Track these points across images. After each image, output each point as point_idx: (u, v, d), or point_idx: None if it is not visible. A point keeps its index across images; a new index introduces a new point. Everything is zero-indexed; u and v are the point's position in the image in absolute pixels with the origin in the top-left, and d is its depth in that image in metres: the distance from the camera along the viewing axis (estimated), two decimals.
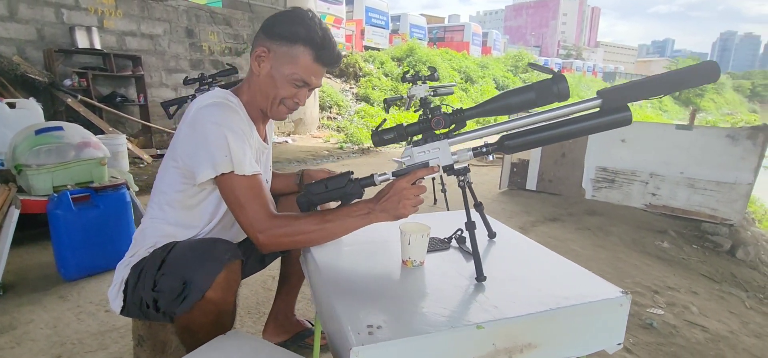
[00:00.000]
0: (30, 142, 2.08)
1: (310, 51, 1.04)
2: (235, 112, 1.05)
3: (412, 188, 0.99)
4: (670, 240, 2.81)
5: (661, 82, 0.93)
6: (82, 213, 2.04)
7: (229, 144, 0.97)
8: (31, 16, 4.47)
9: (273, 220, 0.98)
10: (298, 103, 1.12)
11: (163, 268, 1.01)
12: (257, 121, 1.15)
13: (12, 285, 2.00)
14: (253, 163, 1.02)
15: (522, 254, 1.13)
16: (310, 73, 1.07)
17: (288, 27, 1.04)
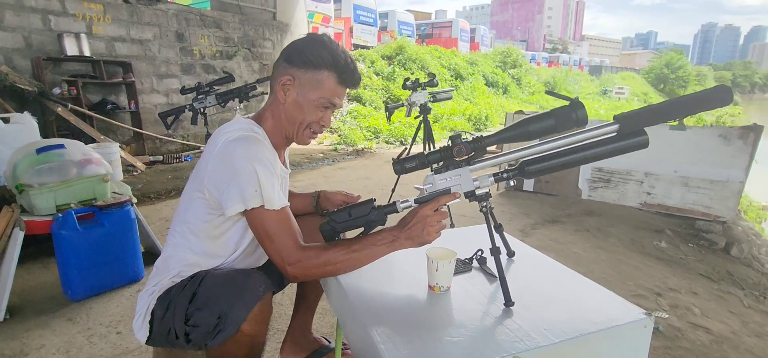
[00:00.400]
0: (31, 160, 2.05)
1: (334, 74, 1.08)
2: (262, 144, 1.06)
3: (435, 214, 1.02)
4: (667, 239, 2.88)
5: (676, 107, 0.97)
6: (88, 232, 2.02)
7: (259, 179, 0.99)
8: (17, 24, 4.37)
9: (302, 252, 1.01)
10: (323, 127, 1.15)
11: (195, 301, 1.01)
12: (279, 148, 1.17)
13: (17, 308, 1.98)
14: (281, 195, 1.03)
15: (543, 274, 1.15)
16: (335, 95, 1.10)
17: (313, 53, 1.07)
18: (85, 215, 2.05)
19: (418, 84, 2.99)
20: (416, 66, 12.92)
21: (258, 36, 6.97)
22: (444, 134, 8.99)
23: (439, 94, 3.13)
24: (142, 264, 2.29)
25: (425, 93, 3.04)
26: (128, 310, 1.98)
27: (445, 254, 1.04)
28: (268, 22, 7.15)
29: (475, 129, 10.52)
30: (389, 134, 7.90)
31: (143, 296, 1.15)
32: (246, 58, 6.86)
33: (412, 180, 4.37)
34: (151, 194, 4.19)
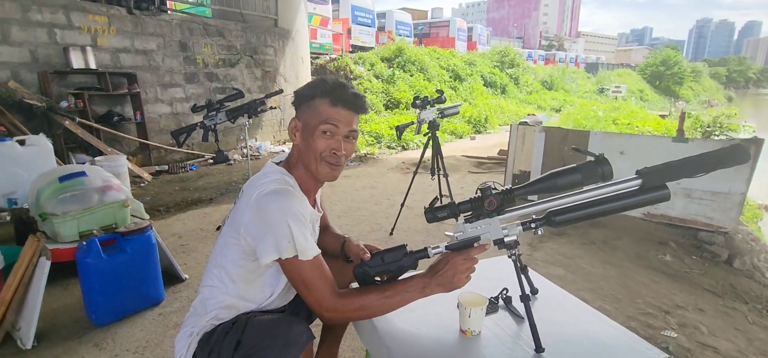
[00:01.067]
0: (54, 189, 2.09)
1: (325, 98, 1.12)
2: (295, 196, 1.11)
3: (466, 262, 1.08)
4: (671, 252, 2.96)
5: (695, 164, 1.03)
6: (111, 259, 2.06)
7: (293, 232, 1.04)
8: (24, 38, 4.38)
9: (338, 300, 1.07)
10: (335, 153, 1.15)
11: (241, 349, 1.06)
12: (310, 192, 1.21)
13: (43, 333, 2.02)
14: (314, 245, 1.09)
15: (569, 316, 1.21)
16: (331, 116, 1.12)
17: (305, 90, 1.15)
18: (107, 241, 2.10)
19: (427, 101, 3.04)
20: (415, 68, 12.96)
21: (260, 43, 6.99)
22: (444, 138, 9.04)
23: (447, 110, 3.19)
24: (163, 287, 2.34)
25: (434, 109, 3.09)
26: (152, 335, 2.03)
27: (476, 300, 1.10)
28: (270, 29, 7.17)
29: (474, 131, 10.58)
30: (390, 139, 7.94)
31: (182, 337, 1.20)
32: (248, 66, 6.88)
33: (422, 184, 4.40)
34: (160, 206, 4.22)
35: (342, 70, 10.96)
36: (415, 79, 12.34)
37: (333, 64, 11.04)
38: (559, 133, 4.10)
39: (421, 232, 3.49)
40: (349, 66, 11.12)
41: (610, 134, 3.94)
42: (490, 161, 6.38)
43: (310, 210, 1.19)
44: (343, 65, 11.04)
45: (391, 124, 8.87)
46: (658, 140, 3.68)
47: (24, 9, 4.34)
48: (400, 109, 10.65)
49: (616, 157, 3.68)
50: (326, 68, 10.92)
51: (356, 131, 1.18)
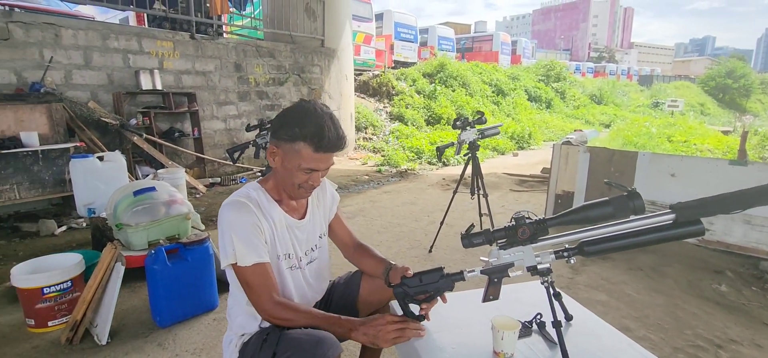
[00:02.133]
0: (129, 202, 2.35)
1: (309, 145, 1.18)
2: (245, 208, 1.23)
3: (394, 326, 1.16)
4: (727, 282, 2.80)
5: (733, 200, 1.03)
6: (174, 266, 2.28)
7: (233, 240, 1.19)
8: (102, 63, 4.90)
9: (273, 306, 1.20)
10: (313, 185, 1.27)
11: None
12: (286, 199, 1.34)
13: (115, 331, 2.25)
14: (260, 254, 1.21)
15: (602, 343, 1.23)
16: (315, 161, 1.20)
17: (287, 130, 1.19)
18: (171, 250, 2.33)
19: (468, 122, 3.10)
20: (457, 83, 12.96)
21: (307, 62, 7.34)
22: (486, 154, 8.97)
23: (487, 131, 3.23)
24: (217, 294, 2.54)
25: (474, 130, 3.14)
26: (208, 338, 2.22)
27: (509, 324, 1.15)
28: (317, 49, 7.51)
29: (517, 147, 10.40)
30: (431, 155, 8.00)
31: (231, 340, 1.34)
32: (296, 84, 7.23)
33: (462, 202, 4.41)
34: (213, 217, 4.53)
35: (384, 86, 11.19)
36: (457, 94, 12.35)
37: (375, 80, 11.30)
38: (605, 153, 4.00)
39: (459, 251, 3.51)
40: (391, 82, 11.33)
41: (660, 156, 3.78)
42: (532, 179, 6.27)
43: (282, 217, 1.32)
44: (386, 81, 11.27)
45: (432, 139, 8.94)
46: (714, 163, 3.50)
47: (104, 37, 4.87)
48: (441, 124, 10.69)
49: (667, 179, 3.54)
50: (369, 85, 11.20)
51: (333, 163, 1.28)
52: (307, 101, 1.25)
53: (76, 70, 4.71)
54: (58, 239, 3.74)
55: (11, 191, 3.65)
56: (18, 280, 2.21)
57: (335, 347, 1.15)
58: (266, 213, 1.28)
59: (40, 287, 2.21)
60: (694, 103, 26.45)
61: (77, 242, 3.63)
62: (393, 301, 1.43)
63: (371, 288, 1.46)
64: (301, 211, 1.40)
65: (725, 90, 32.73)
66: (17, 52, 4.27)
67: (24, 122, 3.84)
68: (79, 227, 4.01)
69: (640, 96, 26.36)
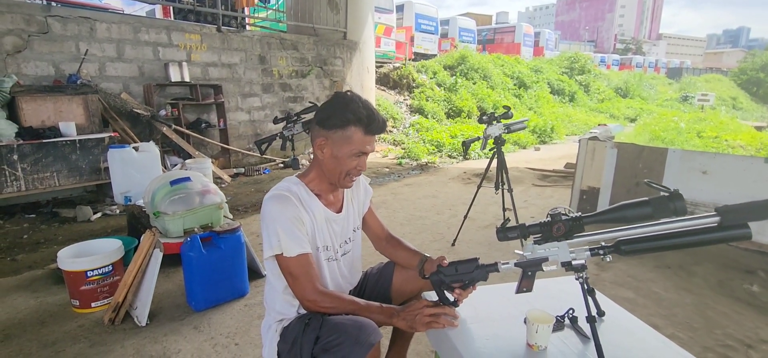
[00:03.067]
0: (166, 191, 2.45)
1: (360, 128, 1.26)
2: (289, 202, 1.29)
3: (429, 310, 1.23)
4: (760, 282, 2.74)
5: None
6: (209, 254, 2.38)
7: (278, 232, 1.24)
8: (134, 56, 5.06)
9: (317, 294, 1.26)
10: (360, 171, 1.34)
11: (319, 343, 1.22)
12: (325, 193, 1.40)
13: (153, 314, 2.36)
14: (303, 245, 1.27)
15: (634, 338, 1.24)
16: (365, 144, 1.28)
17: (338, 116, 1.26)
18: (205, 238, 2.42)
19: (494, 117, 3.10)
20: (478, 76, 12.83)
21: (330, 55, 7.39)
22: (508, 148, 8.87)
23: (513, 126, 3.21)
24: (248, 281, 2.63)
25: (500, 125, 3.13)
26: (241, 323, 2.31)
27: (544, 317, 1.17)
28: (339, 42, 7.55)
29: (539, 141, 10.25)
30: (452, 148, 7.98)
31: (265, 329, 1.42)
32: (318, 76, 7.30)
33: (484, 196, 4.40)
34: (239, 206, 4.65)
35: (404, 78, 11.17)
36: (479, 87, 12.23)
37: (396, 72, 11.28)
38: (633, 149, 3.92)
39: (483, 244, 3.53)
40: (411, 74, 11.29)
41: (691, 153, 3.69)
42: (555, 175, 6.20)
43: (323, 211, 1.38)
44: (406, 74, 11.24)
45: (452, 132, 8.90)
46: (749, 161, 3.39)
47: (135, 30, 5.02)
48: (461, 117, 10.62)
49: (698, 177, 3.45)
50: (390, 77, 11.19)
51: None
52: (345, 93, 1.31)
53: (109, 62, 4.88)
54: (93, 225, 3.92)
55: (51, 179, 3.83)
56: (64, 263, 2.34)
57: (376, 333, 1.20)
58: (307, 206, 1.34)
59: (85, 270, 2.34)
60: (725, 97, 25.46)
61: (112, 228, 3.79)
62: (426, 291, 1.47)
63: (404, 278, 1.52)
64: (337, 205, 1.45)
65: (759, 84, 31.36)
66: (55, 45, 4.45)
67: (62, 113, 4.01)
68: (113, 213, 4.18)
69: (668, 89, 25.52)
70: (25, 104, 3.79)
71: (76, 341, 2.14)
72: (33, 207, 4.26)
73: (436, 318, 1.22)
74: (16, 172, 3.58)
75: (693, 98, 20.56)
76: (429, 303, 1.24)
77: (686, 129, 9.75)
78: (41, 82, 4.30)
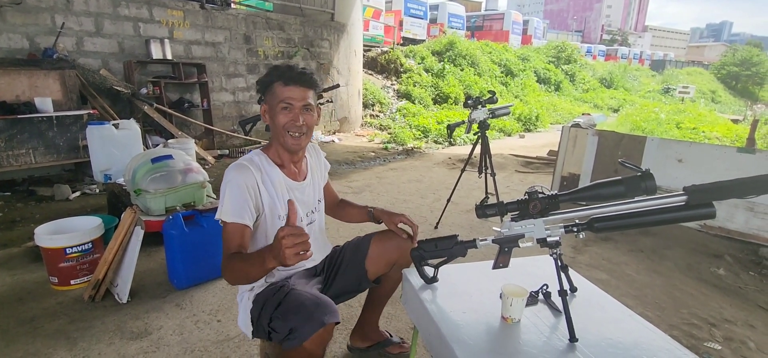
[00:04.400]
0: (147, 169, 2.42)
1: (278, 81, 1.34)
2: (246, 170, 1.34)
3: (287, 237, 1.02)
4: (726, 266, 2.86)
5: (747, 185, 1.04)
6: (191, 232, 2.36)
7: (224, 199, 1.30)
8: (113, 31, 4.92)
9: (225, 260, 1.25)
10: (295, 124, 1.36)
11: (279, 309, 1.28)
12: (287, 163, 1.46)
13: (134, 292, 2.35)
14: (241, 215, 1.28)
15: (604, 313, 1.30)
16: (286, 94, 1.34)
17: (264, 80, 1.39)
18: (188, 216, 2.40)
19: (480, 101, 3.13)
20: (466, 62, 12.84)
21: (317, 36, 7.30)
22: (492, 135, 8.96)
23: (498, 111, 3.25)
24: None
25: (485, 110, 3.17)
26: (223, 301, 2.31)
27: (518, 291, 1.22)
28: (327, 23, 7.45)
29: (524, 129, 10.38)
30: (438, 134, 8.01)
31: (242, 295, 1.46)
32: (305, 58, 7.21)
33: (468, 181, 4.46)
34: None
35: (392, 63, 11.11)
36: (466, 73, 12.26)
37: (384, 56, 11.21)
38: (613, 137, 4.01)
39: (465, 227, 3.59)
40: (399, 59, 11.24)
41: (668, 141, 3.80)
42: (538, 162, 6.30)
43: (282, 179, 1.42)
44: (394, 58, 11.18)
45: (438, 118, 8.93)
46: (721, 150, 3.52)
47: (114, 4, 4.87)
48: (448, 103, 10.65)
49: (674, 165, 3.56)
50: (378, 61, 11.12)
51: (312, 105, 1.38)
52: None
53: (88, 37, 4.73)
54: (72, 204, 3.84)
55: (27, 156, 3.73)
56: (42, 240, 2.30)
57: (333, 315, 1.23)
58: (266, 174, 1.39)
59: (63, 247, 2.30)
60: (705, 90, 26.10)
61: (91, 207, 3.72)
62: (406, 269, 1.51)
63: (380, 250, 1.58)
64: (302, 175, 1.51)
65: (737, 78, 32.20)
66: (29, 17, 4.28)
67: (38, 88, 3.89)
68: (92, 192, 4.10)
69: (651, 81, 26.00)
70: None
71: (55, 317, 2.13)
72: (8, 185, 4.15)
73: (299, 245, 1.03)
74: None
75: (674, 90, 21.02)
76: (289, 229, 1.04)
77: (666, 120, 9.99)
78: (15, 55, 4.15)
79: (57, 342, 1.94)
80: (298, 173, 1.50)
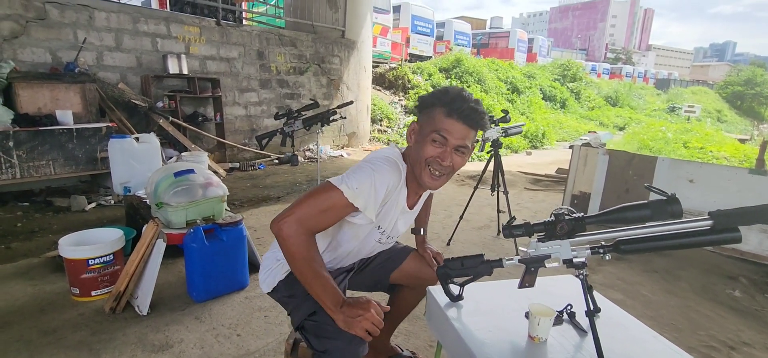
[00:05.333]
0: (170, 182, 2.47)
1: (442, 108, 1.19)
2: (395, 174, 1.25)
3: (369, 320, 1.10)
4: (741, 288, 2.86)
5: None
6: (211, 245, 2.40)
7: (361, 182, 1.17)
8: (132, 46, 5.04)
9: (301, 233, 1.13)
10: (440, 162, 1.21)
11: (315, 320, 1.26)
12: (412, 190, 1.35)
13: (153, 304, 2.38)
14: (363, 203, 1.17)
15: (628, 333, 1.31)
16: (443, 127, 1.18)
17: (426, 98, 1.25)
18: (208, 230, 2.45)
19: (493, 120, 3.17)
20: (473, 79, 12.95)
21: (328, 53, 7.42)
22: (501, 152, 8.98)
23: (511, 129, 3.30)
24: (248, 273, 2.66)
25: (498, 129, 3.21)
26: (242, 314, 2.34)
27: (546, 311, 1.24)
28: (337, 40, 7.58)
29: (531, 146, 10.41)
30: None
31: (270, 258, 1.41)
32: (315, 74, 7.32)
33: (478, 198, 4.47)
34: (235, 201, 4.66)
35: (400, 79, 11.23)
36: (472, 90, 12.33)
37: (391, 72, 11.34)
38: (624, 156, 4.04)
39: (477, 244, 3.60)
40: (406, 75, 11.36)
41: (679, 162, 3.82)
42: (547, 179, 6.32)
43: (403, 203, 1.33)
44: (402, 74, 11.30)
45: None
46: (733, 171, 3.53)
47: (134, 20, 5.00)
48: None
49: (686, 185, 3.58)
50: (386, 77, 11.25)
51: (468, 147, 1.23)
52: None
53: (107, 52, 4.85)
54: (88, 215, 3.90)
55: (47, 167, 3.81)
56: (66, 251, 2.34)
57: (365, 347, 1.24)
58: (396, 190, 1.28)
59: (86, 258, 2.34)
60: (710, 110, 26.08)
61: (107, 219, 3.78)
62: (431, 287, 1.54)
63: (415, 269, 1.61)
64: (414, 204, 1.42)
65: (743, 98, 32.18)
66: (52, 32, 4.41)
67: (59, 101, 3.99)
68: (107, 204, 4.17)
69: (657, 100, 26.04)
70: (21, 91, 3.76)
71: (77, 328, 2.16)
72: (26, 195, 4.22)
73: (370, 329, 1.11)
74: (11, 159, 3.55)
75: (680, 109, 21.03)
76: (378, 309, 1.12)
77: (673, 139, 9.99)
78: (37, 68, 4.26)
79: (80, 353, 1.97)
80: (414, 202, 1.41)
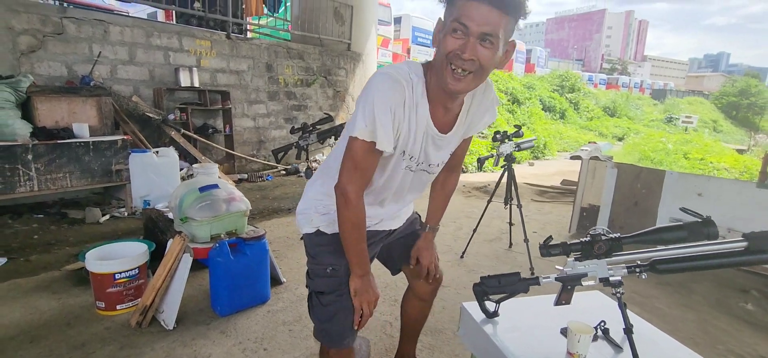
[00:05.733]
0: (194, 197, 2.51)
1: None
2: (399, 89, 1.09)
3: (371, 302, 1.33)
4: (754, 301, 2.91)
5: None
6: (236, 260, 2.44)
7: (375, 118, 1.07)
8: (145, 60, 5.10)
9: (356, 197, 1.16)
10: (461, 57, 1.02)
11: (322, 297, 1.34)
12: (436, 104, 1.16)
13: (179, 319, 2.41)
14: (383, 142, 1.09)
15: (661, 350, 1.36)
16: (466, 11, 0.98)
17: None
18: (232, 244, 2.48)
19: (507, 136, 3.24)
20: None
21: (334, 65, 7.51)
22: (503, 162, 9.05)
23: (523, 144, 3.37)
24: (270, 287, 2.70)
25: (511, 143, 3.28)
26: (266, 329, 2.37)
27: (584, 328, 1.29)
28: (343, 53, 7.68)
29: (533, 157, 10.49)
30: None
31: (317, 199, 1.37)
32: (322, 86, 7.40)
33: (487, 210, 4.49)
34: None
35: None
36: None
37: None
38: (632, 170, 4.11)
39: (489, 257, 3.64)
40: None
41: (687, 175, 3.89)
42: (552, 190, 6.38)
43: (426, 120, 1.16)
44: None
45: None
46: (741, 185, 3.60)
47: (148, 34, 5.06)
48: None
49: (694, 199, 3.64)
50: None
51: (496, 37, 1.00)
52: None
53: (121, 65, 4.91)
54: (103, 227, 3.92)
55: (63, 179, 3.84)
56: (92, 265, 2.37)
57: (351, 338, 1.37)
58: (412, 106, 1.12)
59: (113, 272, 2.38)
60: (707, 120, 26.36)
61: (122, 231, 3.81)
62: (465, 303, 1.58)
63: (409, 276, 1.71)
64: (447, 125, 1.23)
65: (738, 108, 32.54)
66: (69, 46, 4.47)
67: (76, 114, 4.03)
68: (121, 216, 4.19)
69: (654, 110, 26.30)
70: (40, 104, 3.80)
71: (105, 343, 2.18)
72: (40, 207, 4.25)
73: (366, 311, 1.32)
74: (29, 172, 3.58)
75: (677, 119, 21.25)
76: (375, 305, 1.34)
77: (674, 150, 10.10)
78: (53, 82, 4.31)
79: None
80: (447, 124, 1.22)
